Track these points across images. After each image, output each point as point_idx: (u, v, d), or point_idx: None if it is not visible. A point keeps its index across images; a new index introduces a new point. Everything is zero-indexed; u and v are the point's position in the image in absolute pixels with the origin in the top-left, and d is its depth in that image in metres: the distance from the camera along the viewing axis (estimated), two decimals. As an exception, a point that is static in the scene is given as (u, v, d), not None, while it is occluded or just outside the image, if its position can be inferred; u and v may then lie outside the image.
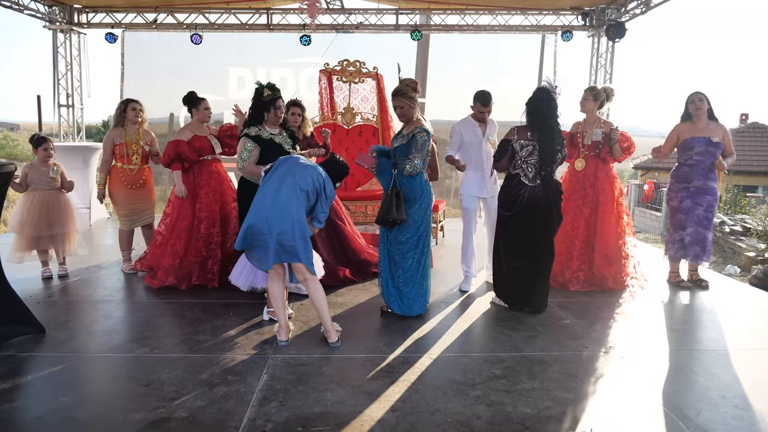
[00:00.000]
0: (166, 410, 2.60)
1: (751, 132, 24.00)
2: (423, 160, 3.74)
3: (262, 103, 3.80)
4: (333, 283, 4.63)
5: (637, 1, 8.08)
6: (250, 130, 3.83)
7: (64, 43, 8.93)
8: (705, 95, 4.70)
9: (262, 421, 2.51)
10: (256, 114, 3.86)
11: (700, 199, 4.67)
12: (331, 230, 4.81)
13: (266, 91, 3.80)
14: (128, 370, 3.08)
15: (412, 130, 3.75)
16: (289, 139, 3.98)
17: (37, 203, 4.60)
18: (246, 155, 3.79)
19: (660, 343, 3.58)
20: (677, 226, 4.82)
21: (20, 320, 3.50)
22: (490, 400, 2.72)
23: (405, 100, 3.77)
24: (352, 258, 4.90)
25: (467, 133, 4.56)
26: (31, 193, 4.65)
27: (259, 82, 3.86)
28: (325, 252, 4.69)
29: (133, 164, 4.92)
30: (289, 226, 3.17)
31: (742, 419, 2.59)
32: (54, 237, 4.69)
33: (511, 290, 4.14)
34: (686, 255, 4.78)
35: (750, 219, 12.30)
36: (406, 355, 3.28)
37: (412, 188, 3.80)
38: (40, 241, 4.65)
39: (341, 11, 8.91)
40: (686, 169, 4.74)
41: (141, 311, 4.12)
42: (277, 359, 3.20)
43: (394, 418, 2.56)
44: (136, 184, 4.95)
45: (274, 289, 3.44)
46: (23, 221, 4.56)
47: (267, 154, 3.73)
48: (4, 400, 2.70)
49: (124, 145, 4.88)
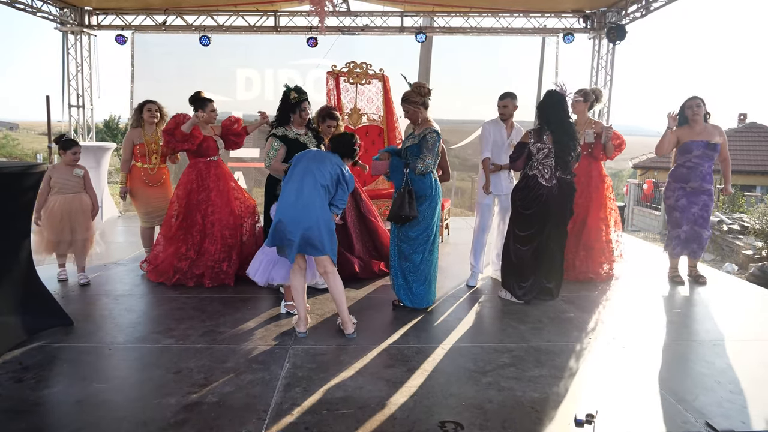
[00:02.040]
0: (197, 395, 2.78)
1: (749, 132, 24.21)
2: (434, 160, 3.93)
3: (289, 104, 4.00)
4: (368, 276, 4.90)
5: (638, 5, 8.26)
6: (277, 131, 4.02)
7: (75, 45, 9.09)
8: (702, 100, 4.88)
9: (289, 405, 2.69)
10: (283, 115, 4.05)
11: (696, 199, 4.88)
12: (364, 227, 5.06)
13: (293, 94, 4.00)
14: (156, 359, 3.25)
15: (423, 131, 3.94)
16: (314, 139, 4.17)
17: (59, 207, 4.51)
18: (273, 154, 3.99)
19: (659, 334, 3.77)
20: (674, 224, 5.03)
21: (50, 312, 3.67)
22: (500, 386, 2.90)
23: (409, 105, 3.99)
24: (383, 252, 5.12)
25: (494, 133, 4.77)
26: (54, 196, 4.54)
27: (287, 85, 4.06)
28: (360, 247, 4.92)
29: (152, 164, 5.10)
30: (315, 221, 3.36)
31: (735, 402, 2.77)
32: (75, 242, 4.60)
33: (523, 281, 4.33)
34: (683, 251, 4.99)
35: (748, 218, 12.49)
36: (419, 346, 3.46)
37: (424, 186, 3.98)
38: (60, 245, 4.58)
39: (347, 14, 9.08)
40: (684, 171, 4.93)
41: (162, 305, 4.29)
42: (297, 349, 3.38)
43: (411, 402, 2.74)
44: (156, 182, 5.15)
45: (296, 282, 3.62)
46: (44, 224, 4.49)
47: (293, 154, 3.92)
48: (44, 386, 2.88)
49: (144, 145, 5.06)
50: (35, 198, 3.64)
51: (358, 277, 4.79)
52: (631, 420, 2.62)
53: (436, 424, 2.53)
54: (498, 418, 2.59)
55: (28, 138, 45.31)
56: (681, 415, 2.66)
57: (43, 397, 2.77)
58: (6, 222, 3.34)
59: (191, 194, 4.73)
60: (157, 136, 5.11)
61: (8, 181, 3.31)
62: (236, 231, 4.78)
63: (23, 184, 3.43)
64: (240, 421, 2.53)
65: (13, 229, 3.44)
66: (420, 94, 3.97)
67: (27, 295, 3.52)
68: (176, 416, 2.57)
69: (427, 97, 4.00)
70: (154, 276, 4.80)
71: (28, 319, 3.47)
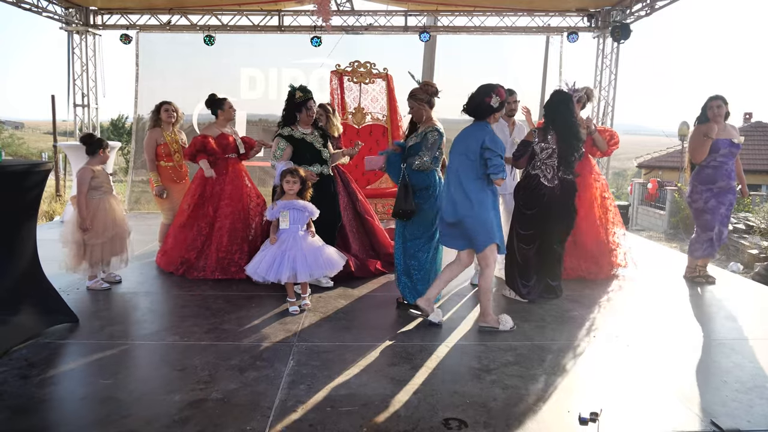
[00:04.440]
0: (202, 392, 2.78)
1: (755, 131, 24.11)
2: (432, 158, 3.90)
3: (294, 104, 4.03)
4: (365, 275, 4.89)
5: (642, 3, 8.24)
6: (283, 131, 4.05)
7: (80, 44, 9.13)
8: (724, 99, 4.82)
9: (293, 402, 2.69)
10: (289, 115, 4.08)
11: (723, 198, 4.83)
12: (361, 225, 5.06)
13: (298, 93, 4.02)
14: (162, 356, 3.26)
15: (424, 129, 3.94)
16: (320, 138, 4.19)
17: (106, 208, 4.26)
18: (279, 154, 4.02)
19: (664, 332, 3.76)
20: (704, 227, 4.91)
21: (55, 309, 3.68)
22: (505, 384, 2.90)
23: (414, 101, 3.98)
24: (380, 251, 5.12)
25: (497, 131, 4.76)
26: (101, 198, 4.26)
27: (292, 85, 4.09)
28: (357, 246, 4.93)
29: (175, 162, 5.24)
30: (467, 211, 3.51)
31: (741, 402, 2.76)
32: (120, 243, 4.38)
33: (527, 280, 4.33)
34: (714, 253, 4.94)
35: (753, 217, 12.43)
36: (423, 344, 3.46)
37: (421, 179, 3.94)
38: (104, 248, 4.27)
39: (351, 13, 9.09)
40: (710, 171, 4.84)
41: (167, 302, 4.30)
42: (301, 347, 3.39)
43: (415, 399, 2.74)
44: (183, 179, 5.34)
45: (447, 271, 3.77)
46: (93, 228, 4.17)
47: (299, 153, 3.95)
48: (49, 383, 2.89)
49: (167, 145, 5.20)
50: (41, 195, 3.66)
51: (354, 276, 4.82)
52: (635, 418, 2.61)
53: (439, 422, 2.53)
54: (502, 415, 2.59)
55: (33, 137, 45.57)
56: (686, 413, 2.65)
57: (48, 394, 2.78)
58: (12, 220, 3.36)
59: (206, 187, 4.83)
60: (176, 135, 5.29)
61: (14, 180, 3.33)
62: (248, 225, 4.87)
63: (28, 182, 3.45)
64: (244, 419, 2.54)
65: (19, 227, 3.45)
66: (427, 92, 3.97)
67: (33, 293, 3.54)
68: (181, 413, 2.58)
69: (433, 97, 3.99)
70: (164, 263, 4.94)
71: (34, 316, 3.49)
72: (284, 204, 3.94)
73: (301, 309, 4.02)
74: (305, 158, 4.41)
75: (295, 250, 3.90)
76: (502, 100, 3.59)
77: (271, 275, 3.88)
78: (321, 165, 4.51)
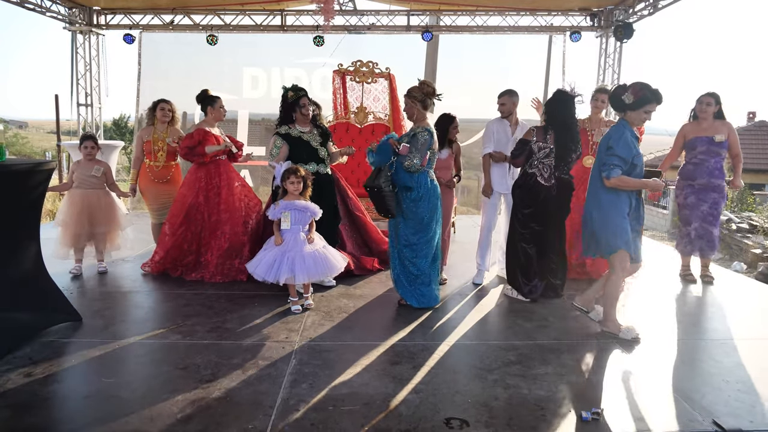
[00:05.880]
0: (204, 391, 2.79)
1: (758, 130, 23.99)
2: (422, 159, 3.88)
3: (288, 104, 4.04)
4: (362, 273, 4.91)
5: (645, 2, 8.21)
6: (280, 129, 4.06)
7: (84, 44, 9.16)
8: (715, 97, 4.82)
9: (295, 401, 2.70)
10: (285, 115, 4.09)
11: (705, 196, 4.85)
12: (353, 223, 5.06)
13: (290, 93, 4.03)
14: (164, 355, 3.27)
15: (414, 129, 3.95)
16: (318, 137, 4.19)
17: (78, 201, 4.71)
18: (275, 152, 4.03)
19: (667, 332, 3.76)
20: (684, 221, 5.03)
21: (59, 308, 3.70)
22: (506, 384, 2.90)
23: (408, 99, 3.99)
24: (374, 248, 5.12)
25: (498, 131, 4.76)
26: (74, 190, 4.77)
27: (285, 86, 4.10)
28: (351, 244, 4.93)
29: (158, 161, 5.15)
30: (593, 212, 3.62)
31: (743, 402, 2.76)
32: (95, 235, 4.81)
33: (530, 279, 4.32)
34: (694, 249, 4.97)
35: (756, 216, 12.39)
36: (425, 343, 3.47)
37: (406, 178, 3.91)
38: (79, 238, 4.76)
39: (354, 12, 9.09)
40: (691, 167, 4.93)
41: (169, 301, 4.31)
42: (303, 346, 3.39)
43: (417, 398, 2.74)
44: (163, 179, 5.20)
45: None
46: (66, 218, 4.69)
47: (296, 151, 3.96)
48: (52, 381, 2.90)
49: (150, 143, 5.13)
50: (44, 195, 3.67)
51: (353, 274, 4.83)
52: (637, 418, 2.61)
53: (441, 421, 2.53)
54: (504, 415, 2.59)
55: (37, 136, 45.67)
56: (688, 413, 2.65)
57: (51, 392, 2.79)
58: (15, 219, 3.38)
59: (198, 192, 4.76)
60: (165, 134, 5.17)
61: (17, 179, 3.34)
62: (246, 229, 4.83)
63: (32, 181, 3.46)
64: (246, 417, 2.54)
65: (23, 225, 3.47)
66: (423, 91, 3.95)
67: (36, 291, 3.56)
68: (183, 411, 2.59)
69: (429, 97, 3.95)
70: (156, 269, 4.90)
71: (37, 315, 3.51)
72: (286, 204, 3.95)
73: (304, 308, 4.03)
74: (302, 157, 4.39)
75: (295, 251, 3.91)
76: (635, 99, 3.44)
77: (270, 276, 3.88)
78: (317, 164, 4.48)
